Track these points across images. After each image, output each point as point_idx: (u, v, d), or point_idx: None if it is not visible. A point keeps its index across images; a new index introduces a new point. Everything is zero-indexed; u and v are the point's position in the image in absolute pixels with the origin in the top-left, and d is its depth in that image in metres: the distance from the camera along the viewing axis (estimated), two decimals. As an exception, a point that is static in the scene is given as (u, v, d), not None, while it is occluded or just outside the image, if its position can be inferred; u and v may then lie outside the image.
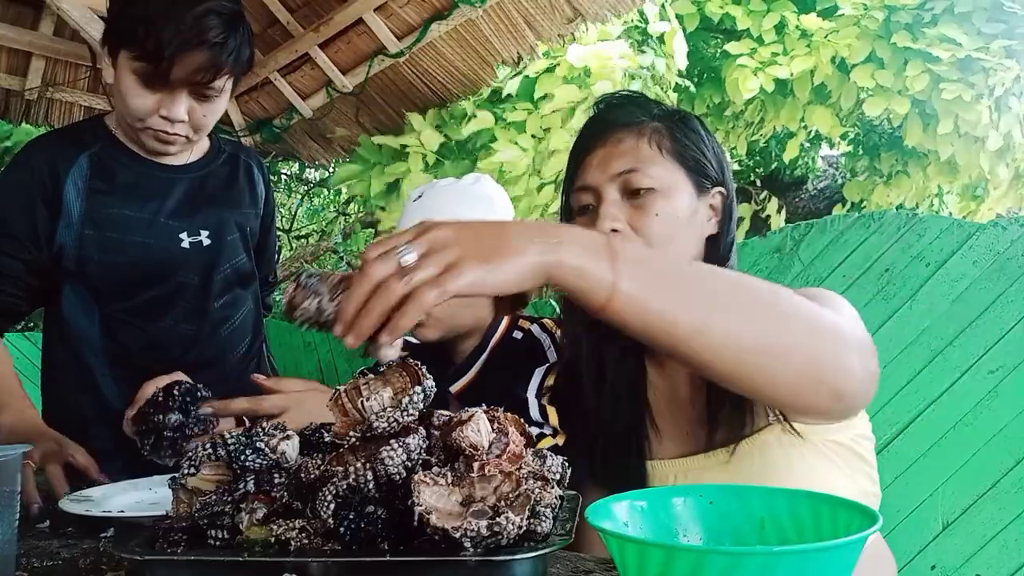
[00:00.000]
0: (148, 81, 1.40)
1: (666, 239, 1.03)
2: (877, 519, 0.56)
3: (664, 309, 0.74)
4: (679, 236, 1.04)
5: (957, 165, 4.98)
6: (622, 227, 1.02)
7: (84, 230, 1.50)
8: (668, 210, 1.03)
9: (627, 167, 1.04)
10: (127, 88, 1.42)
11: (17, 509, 0.82)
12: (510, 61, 2.85)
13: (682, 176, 1.06)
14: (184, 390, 1.23)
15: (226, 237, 1.60)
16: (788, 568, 0.51)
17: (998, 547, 2.30)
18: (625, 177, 1.04)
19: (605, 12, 2.67)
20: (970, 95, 4.42)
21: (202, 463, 0.74)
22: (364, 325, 0.70)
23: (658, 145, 1.06)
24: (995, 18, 4.54)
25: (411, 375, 0.75)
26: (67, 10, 2.40)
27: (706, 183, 1.08)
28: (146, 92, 1.42)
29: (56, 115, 3.01)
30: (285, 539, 0.67)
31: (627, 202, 1.04)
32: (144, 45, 1.36)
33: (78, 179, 1.51)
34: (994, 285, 2.37)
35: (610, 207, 1.04)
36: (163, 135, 1.47)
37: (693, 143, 1.08)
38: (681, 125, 1.09)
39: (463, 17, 2.66)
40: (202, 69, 1.39)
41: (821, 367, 0.79)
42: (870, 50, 4.70)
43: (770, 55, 4.89)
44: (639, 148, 1.05)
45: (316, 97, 3.05)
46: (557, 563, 0.84)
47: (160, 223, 1.54)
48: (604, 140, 1.07)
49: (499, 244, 0.71)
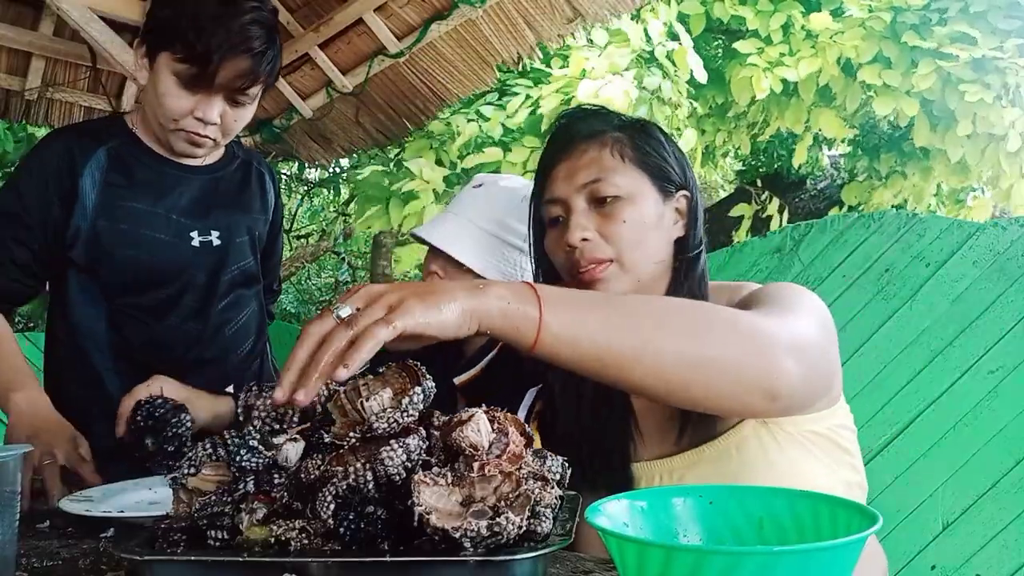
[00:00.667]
0: (189, 83, 1.42)
1: (634, 244, 1.06)
2: (877, 519, 0.56)
3: (592, 339, 0.79)
4: (647, 240, 1.08)
5: (967, 165, 4.96)
6: (591, 235, 1.06)
7: (98, 221, 1.51)
8: (635, 216, 1.07)
9: (592, 177, 1.08)
10: (166, 89, 1.44)
11: (17, 509, 0.82)
12: (510, 61, 2.84)
13: (646, 183, 1.09)
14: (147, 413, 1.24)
15: (235, 239, 1.62)
16: (788, 568, 0.51)
17: (998, 547, 2.30)
18: (591, 187, 1.08)
19: (605, 12, 2.67)
20: (991, 96, 4.40)
21: (202, 463, 0.74)
22: (310, 376, 0.70)
23: (620, 154, 1.09)
24: (1011, 15, 4.52)
25: (411, 376, 0.75)
26: (67, 10, 2.40)
27: (670, 188, 1.11)
28: (185, 94, 1.44)
29: (56, 115, 3.01)
30: (285, 539, 0.67)
31: (595, 211, 1.08)
32: (193, 48, 1.38)
33: (95, 171, 1.52)
34: (994, 285, 2.37)
35: (579, 217, 1.07)
36: (195, 137, 1.49)
37: (654, 150, 1.11)
38: (642, 133, 1.13)
39: (463, 17, 2.65)
40: (243, 75, 1.42)
41: (748, 372, 0.84)
42: (876, 51, 4.69)
43: (777, 56, 4.88)
44: (602, 158, 1.09)
45: (316, 97, 3.05)
46: (557, 563, 0.84)
47: (172, 220, 1.55)
48: (568, 153, 1.11)
49: (432, 290, 0.75)
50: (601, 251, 1.06)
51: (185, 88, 1.43)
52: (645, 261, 1.08)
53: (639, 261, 1.07)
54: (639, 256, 1.07)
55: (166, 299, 1.56)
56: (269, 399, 0.77)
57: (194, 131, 1.48)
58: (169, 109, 1.46)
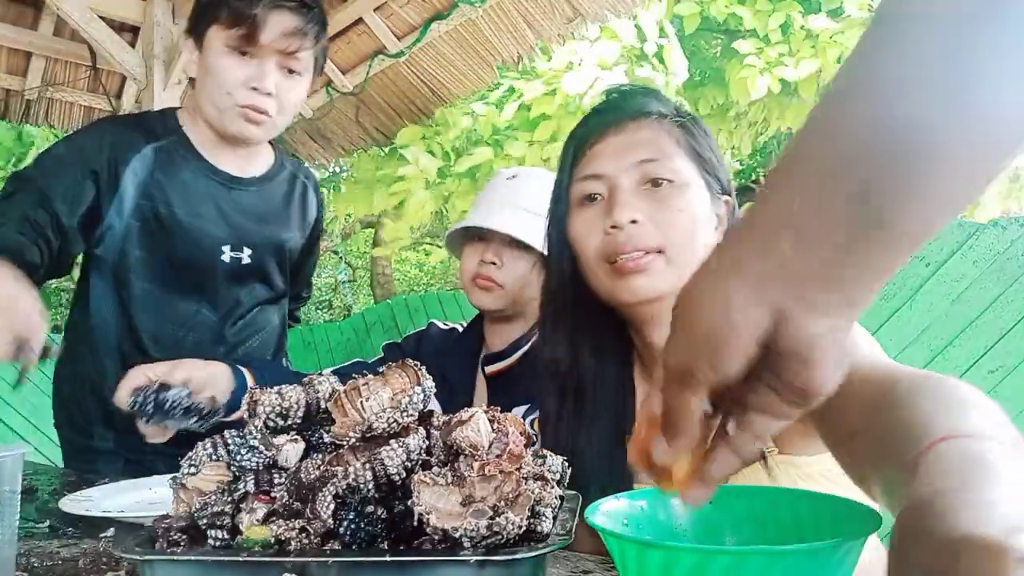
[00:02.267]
0: (241, 46, 1.43)
1: (687, 237, 0.96)
2: (877, 519, 0.56)
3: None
4: (698, 237, 0.97)
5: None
6: (642, 218, 0.95)
7: (131, 221, 1.49)
8: (691, 207, 0.96)
9: (648, 156, 0.97)
10: (217, 61, 1.44)
11: (17, 509, 0.81)
12: (510, 61, 2.85)
13: (697, 175, 0.99)
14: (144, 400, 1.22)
15: (267, 257, 1.60)
16: (788, 568, 0.51)
17: (998, 547, 2.30)
18: (646, 166, 0.97)
19: (605, 12, 2.67)
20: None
21: (203, 463, 0.74)
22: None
23: (676, 139, 1.00)
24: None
25: (410, 376, 0.75)
26: (67, 10, 2.40)
27: (716, 188, 1.02)
28: (237, 62, 1.44)
29: (56, 115, 3.01)
30: (285, 539, 0.67)
31: (645, 193, 0.97)
32: (238, 9, 1.40)
33: (139, 168, 1.50)
34: (994, 285, 2.37)
35: (628, 196, 0.96)
36: (251, 112, 1.47)
37: (708, 145, 1.03)
38: (697, 125, 1.04)
39: (463, 17, 2.65)
40: (290, 34, 1.43)
41: None
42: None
43: (776, 55, 4.89)
44: (659, 138, 0.99)
45: (316, 97, 3.05)
46: (557, 563, 0.84)
47: (206, 232, 1.53)
48: (619, 128, 1.00)
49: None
50: (651, 237, 0.95)
51: (238, 53, 1.44)
52: (692, 260, 0.95)
53: (687, 258, 0.95)
54: (688, 252, 0.95)
55: (187, 310, 1.55)
56: (275, 394, 0.77)
57: (250, 104, 1.46)
58: (224, 80, 1.45)
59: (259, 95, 1.46)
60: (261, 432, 0.75)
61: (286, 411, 0.77)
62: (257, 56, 1.44)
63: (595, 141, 1.01)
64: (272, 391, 0.77)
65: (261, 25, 1.41)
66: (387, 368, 0.77)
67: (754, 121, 5.57)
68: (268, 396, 0.77)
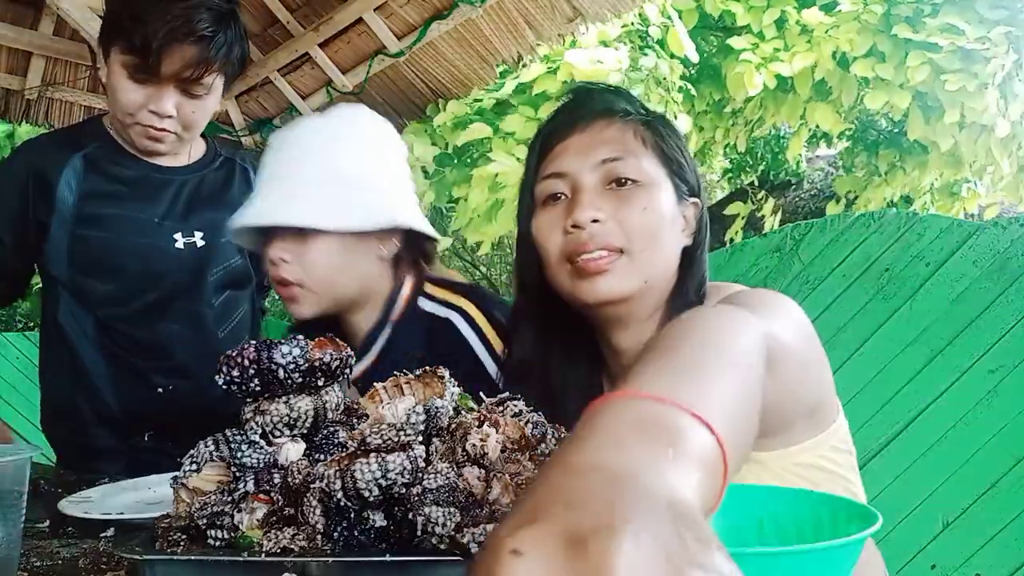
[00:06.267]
0: (137, 74, 1.40)
1: (650, 237, 0.95)
2: (877, 519, 0.56)
3: None
4: (662, 238, 0.96)
5: (960, 156, 4.97)
6: (604, 217, 0.94)
7: (77, 229, 1.49)
8: (654, 207, 0.95)
9: (612, 155, 0.96)
10: (117, 83, 1.43)
11: (23, 511, 0.82)
12: (510, 61, 2.84)
13: (664, 176, 0.98)
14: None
15: (220, 239, 1.59)
16: (788, 568, 0.51)
17: (998, 547, 2.30)
18: (609, 165, 0.96)
19: (605, 12, 2.67)
20: (974, 84, 4.41)
21: (204, 461, 0.74)
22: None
23: (643, 139, 0.98)
24: (998, 4, 4.54)
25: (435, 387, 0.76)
26: (67, 10, 2.40)
27: (684, 189, 1.00)
28: (135, 86, 1.42)
29: (56, 115, 3.01)
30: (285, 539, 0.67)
31: (609, 193, 0.96)
32: (132, 38, 1.37)
33: (71, 179, 1.50)
34: (994, 285, 2.37)
35: (590, 195, 0.95)
36: (152, 131, 1.47)
37: (676, 146, 1.01)
38: (665, 125, 1.02)
39: (463, 17, 2.65)
40: (190, 64, 1.39)
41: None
42: (871, 44, 4.70)
43: (772, 51, 4.88)
44: (625, 138, 0.98)
45: (316, 97, 3.05)
46: (557, 563, 0.84)
47: (155, 223, 1.53)
48: (585, 126, 0.99)
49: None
50: (613, 237, 0.94)
51: (134, 80, 1.41)
52: (656, 260, 0.96)
53: (651, 258, 0.95)
54: (652, 253, 0.95)
55: (154, 303, 1.54)
56: (283, 403, 0.75)
57: (150, 125, 1.46)
58: (122, 103, 1.44)
59: (158, 118, 1.45)
60: (263, 428, 0.74)
61: (294, 421, 0.76)
62: (154, 83, 1.42)
63: (560, 139, 1.00)
64: (280, 401, 0.76)
65: (160, 58, 1.37)
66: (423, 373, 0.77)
67: (750, 118, 5.57)
68: (276, 406, 0.76)
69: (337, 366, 0.76)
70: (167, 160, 1.58)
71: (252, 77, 2.95)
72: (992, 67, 4.37)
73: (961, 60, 4.44)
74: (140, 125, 1.46)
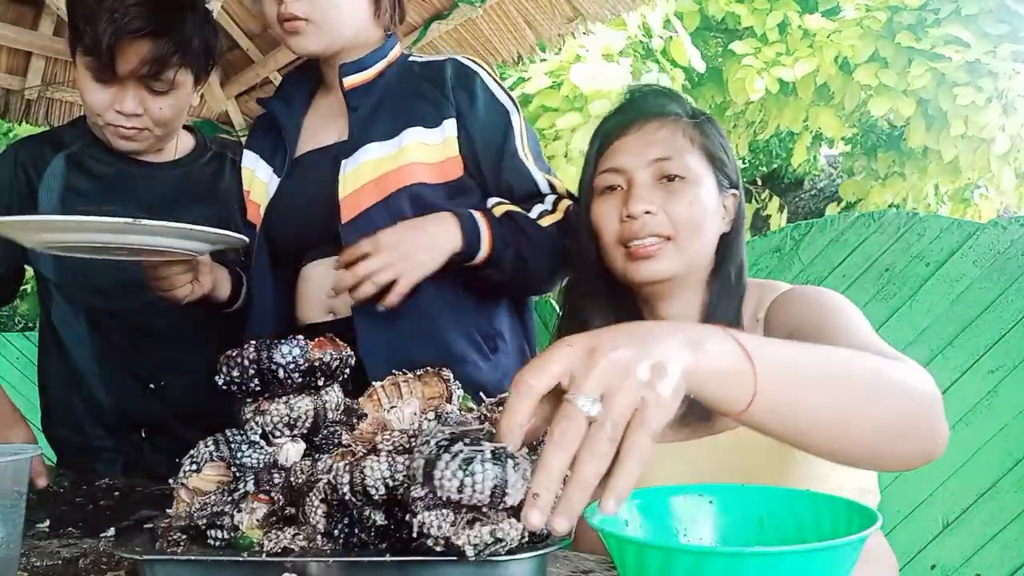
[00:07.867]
0: (98, 75, 1.40)
1: (695, 227, 1.08)
2: (877, 519, 0.56)
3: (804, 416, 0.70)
4: (705, 226, 1.09)
5: (959, 166, 4.99)
6: (656, 210, 1.07)
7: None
8: (699, 200, 1.08)
9: (663, 154, 1.09)
10: (83, 85, 1.43)
11: (23, 510, 0.82)
12: (510, 61, 2.84)
13: (708, 172, 1.11)
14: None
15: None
16: (788, 568, 0.51)
17: (998, 547, 2.29)
18: (661, 163, 1.09)
19: (605, 12, 2.67)
20: (982, 99, 4.44)
21: (204, 461, 0.74)
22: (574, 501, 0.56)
23: (690, 138, 1.11)
24: (1002, 19, 4.55)
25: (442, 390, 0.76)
26: (67, 10, 2.40)
27: (724, 183, 1.13)
28: (99, 87, 1.42)
29: (56, 115, 3.00)
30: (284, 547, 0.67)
31: (659, 188, 1.09)
32: (85, 39, 1.36)
33: (52, 180, 1.51)
34: (994, 285, 2.37)
35: (644, 190, 1.08)
36: (122, 130, 1.46)
37: (720, 144, 1.14)
38: (710, 124, 1.16)
39: (463, 17, 2.65)
40: (146, 60, 1.38)
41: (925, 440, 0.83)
42: (873, 50, 4.70)
43: (774, 55, 4.89)
44: (675, 138, 1.10)
45: (317, 97, 3.05)
46: (557, 563, 0.84)
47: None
48: (639, 126, 1.12)
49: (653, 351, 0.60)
50: (663, 227, 1.07)
51: (97, 81, 1.41)
52: (699, 246, 1.09)
53: (695, 245, 1.09)
54: (696, 240, 1.09)
55: (143, 302, 1.51)
56: (283, 404, 0.75)
57: (119, 124, 1.45)
58: (89, 105, 1.44)
59: (124, 117, 1.44)
60: (263, 428, 0.74)
61: (294, 421, 0.76)
62: (117, 83, 1.41)
63: (617, 137, 1.13)
64: (280, 401, 0.76)
65: (113, 57, 1.37)
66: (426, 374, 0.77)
67: (752, 121, 5.58)
68: (276, 406, 0.75)
69: (337, 366, 0.77)
70: (151, 156, 1.57)
71: (252, 77, 2.95)
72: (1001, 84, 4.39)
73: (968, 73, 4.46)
74: (111, 125, 1.46)
